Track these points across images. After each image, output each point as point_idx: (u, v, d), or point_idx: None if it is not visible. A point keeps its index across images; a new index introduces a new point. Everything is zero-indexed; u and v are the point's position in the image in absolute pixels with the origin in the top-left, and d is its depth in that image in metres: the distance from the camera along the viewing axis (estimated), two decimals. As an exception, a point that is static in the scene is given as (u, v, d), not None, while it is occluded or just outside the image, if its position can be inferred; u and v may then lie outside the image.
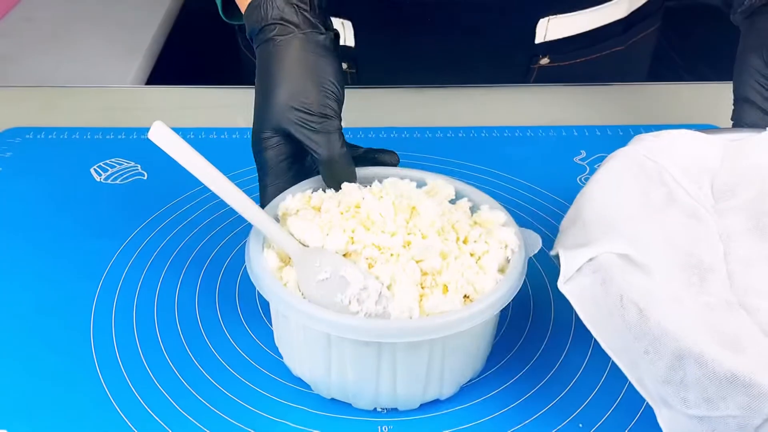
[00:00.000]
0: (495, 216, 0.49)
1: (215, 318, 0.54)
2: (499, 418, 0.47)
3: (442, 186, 0.52)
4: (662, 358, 0.39)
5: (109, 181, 0.67)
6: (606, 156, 0.52)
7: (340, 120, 0.51)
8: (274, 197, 0.51)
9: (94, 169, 0.68)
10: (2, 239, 0.60)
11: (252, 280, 0.45)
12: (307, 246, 0.47)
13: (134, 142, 0.72)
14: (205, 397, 0.48)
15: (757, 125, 0.55)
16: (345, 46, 0.77)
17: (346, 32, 0.76)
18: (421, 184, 0.52)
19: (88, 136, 0.73)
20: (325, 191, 0.51)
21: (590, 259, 0.43)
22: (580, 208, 0.47)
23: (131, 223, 0.62)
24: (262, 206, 0.50)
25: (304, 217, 0.49)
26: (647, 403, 0.47)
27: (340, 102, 0.51)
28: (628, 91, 0.84)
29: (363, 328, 0.42)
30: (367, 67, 0.79)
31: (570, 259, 0.44)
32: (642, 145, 0.52)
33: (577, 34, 0.80)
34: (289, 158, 0.52)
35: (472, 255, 0.47)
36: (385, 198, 0.48)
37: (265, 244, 0.48)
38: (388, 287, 0.44)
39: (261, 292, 0.45)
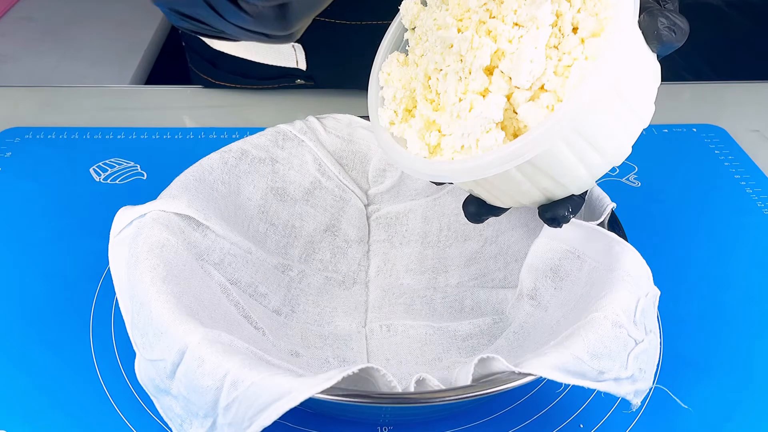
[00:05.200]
0: None
1: (215, 318, 0.54)
2: (499, 418, 0.47)
3: None
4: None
5: (108, 181, 0.67)
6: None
7: None
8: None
9: (94, 169, 0.68)
10: (1, 239, 0.60)
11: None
12: None
13: (134, 142, 0.72)
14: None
15: None
16: (298, 69, 0.77)
17: (297, 55, 0.76)
18: None
19: (88, 136, 0.73)
20: None
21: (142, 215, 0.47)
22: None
23: (131, 223, 0.61)
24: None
25: None
26: (648, 403, 0.47)
27: None
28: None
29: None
30: (323, 83, 0.80)
31: (125, 213, 0.47)
32: (298, 125, 0.57)
33: None
34: None
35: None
36: None
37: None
38: None
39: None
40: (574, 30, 0.40)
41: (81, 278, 0.56)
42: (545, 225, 0.48)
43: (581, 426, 0.47)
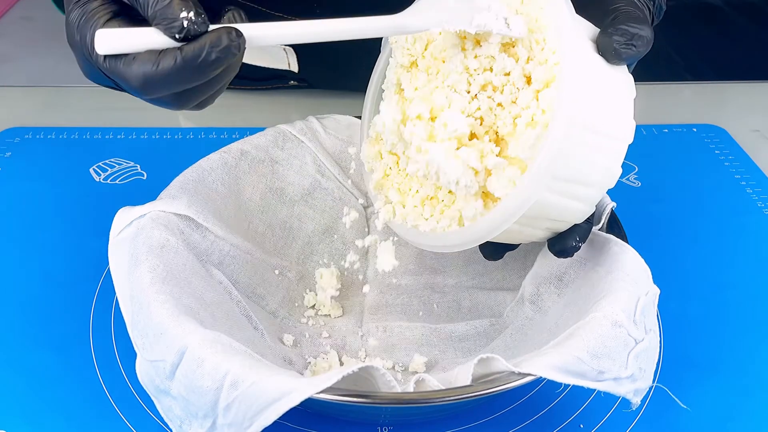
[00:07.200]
0: None
1: (215, 318, 0.53)
2: (499, 418, 0.47)
3: None
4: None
5: (108, 181, 0.67)
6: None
7: None
8: None
9: (94, 169, 0.68)
10: (1, 239, 0.60)
11: None
12: None
13: (134, 142, 0.72)
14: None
15: None
16: (290, 71, 0.77)
17: (289, 58, 0.76)
18: None
19: (88, 136, 0.73)
20: None
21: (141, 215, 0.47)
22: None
23: (131, 223, 0.61)
24: None
25: None
26: (648, 403, 0.47)
27: None
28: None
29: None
30: (317, 85, 0.80)
31: (125, 213, 0.48)
32: (298, 125, 0.57)
33: None
34: None
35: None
36: None
37: None
38: None
39: None
40: (528, 80, 0.40)
41: (81, 278, 0.56)
42: None
43: (581, 426, 0.47)
